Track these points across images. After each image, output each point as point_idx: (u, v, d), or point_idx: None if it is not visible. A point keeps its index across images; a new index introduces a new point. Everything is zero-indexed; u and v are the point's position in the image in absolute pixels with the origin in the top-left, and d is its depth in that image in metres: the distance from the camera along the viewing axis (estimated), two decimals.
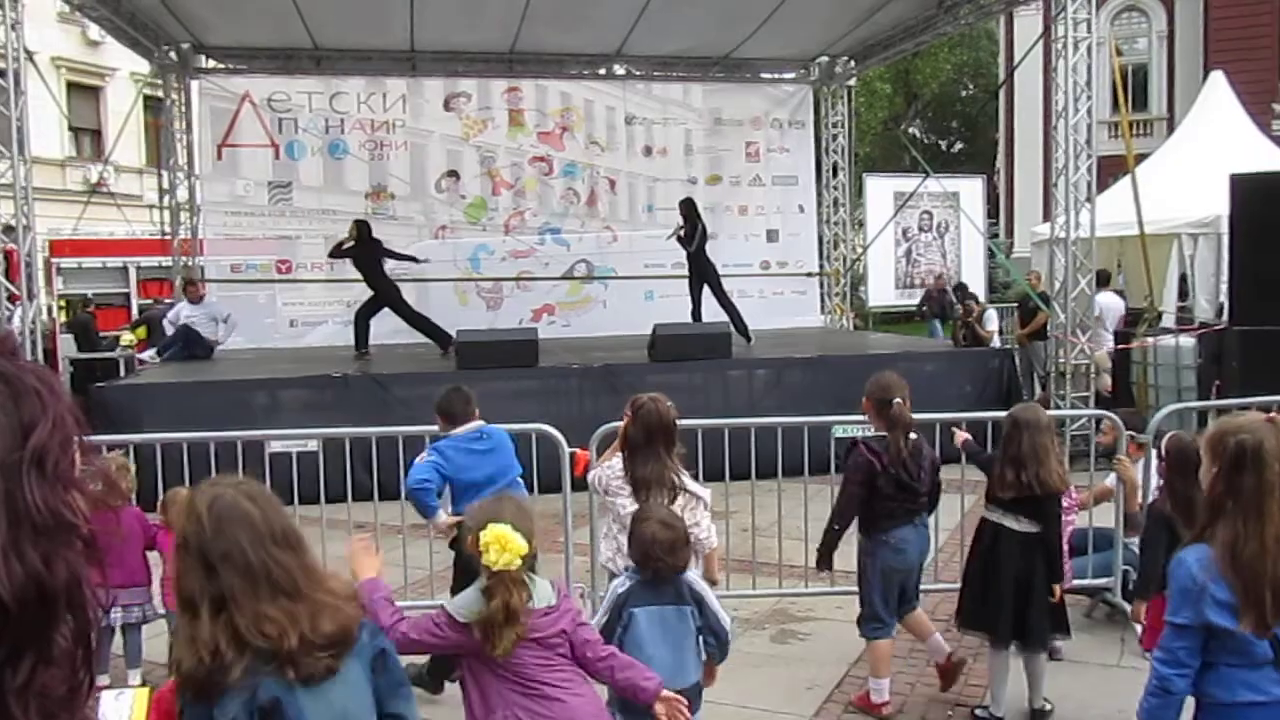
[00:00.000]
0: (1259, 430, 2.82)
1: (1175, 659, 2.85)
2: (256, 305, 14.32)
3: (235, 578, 2.18)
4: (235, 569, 2.19)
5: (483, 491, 4.78)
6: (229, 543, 2.21)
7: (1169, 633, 2.88)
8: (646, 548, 3.46)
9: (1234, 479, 2.79)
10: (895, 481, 4.76)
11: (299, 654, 2.17)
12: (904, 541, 4.82)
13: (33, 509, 0.76)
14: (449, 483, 4.86)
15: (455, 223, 14.90)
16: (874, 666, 4.95)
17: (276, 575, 2.21)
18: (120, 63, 24.16)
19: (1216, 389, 9.12)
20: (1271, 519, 2.73)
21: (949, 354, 12.21)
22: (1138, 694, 4.89)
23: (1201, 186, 12.61)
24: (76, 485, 0.81)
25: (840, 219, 16.17)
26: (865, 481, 4.75)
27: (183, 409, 9.04)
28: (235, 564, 2.19)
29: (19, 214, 9.35)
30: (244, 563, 2.19)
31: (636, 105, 15.62)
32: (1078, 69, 10.31)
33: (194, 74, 14.12)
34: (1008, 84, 24.96)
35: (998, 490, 4.74)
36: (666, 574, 3.48)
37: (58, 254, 17.86)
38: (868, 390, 4.92)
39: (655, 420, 4.20)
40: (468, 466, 4.88)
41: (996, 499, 4.78)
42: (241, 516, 2.24)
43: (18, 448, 0.77)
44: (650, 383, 9.93)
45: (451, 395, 5.18)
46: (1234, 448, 2.80)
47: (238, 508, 2.25)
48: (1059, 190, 10.48)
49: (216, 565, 2.19)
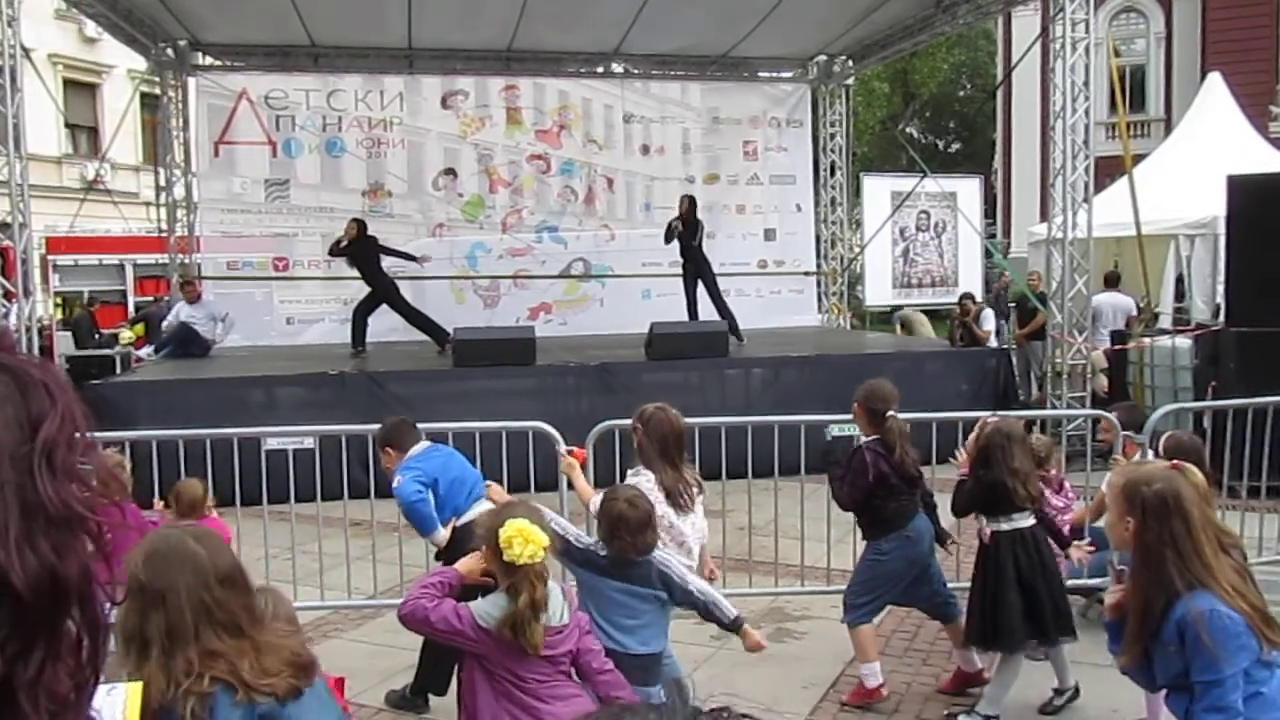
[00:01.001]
0: (1172, 479, 2.84)
1: (1237, 710, 2.68)
2: (253, 303, 14.29)
3: (181, 615, 2.20)
4: (180, 607, 2.21)
5: (469, 488, 4.80)
6: (171, 582, 2.22)
7: (1226, 688, 2.67)
8: (614, 525, 3.56)
9: (1162, 528, 2.77)
10: (904, 479, 4.85)
11: (255, 681, 2.19)
12: (919, 531, 4.93)
13: (45, 501, 0.76)
14: (434, 488, 4.81)
15: (452, 221, 14.89)
16: (860, 652, 5.00)
17: (219, 615, 2.23)
18: (117, 60, 24.11)
19: (1213, 390, 9.12)
20: (1215, 552, 2.76)
21: (945, 354, 12.22)
22: (1131, 692, 4.93)
23: (1198, 187, 12.61)
24: (83, 479, 0.81)
25: (838, 218, 16.17)
26: (875, 480, 4.80)
27: (179, 406, 9.03)
28: (179, 602, 2.21)
29: (15, 211, 9.34)
30: (188, 602, 2.21)
31: (634, 104, 15.61)
32: (1076, 69, 10.32)
33: (191, 71, 14.09)
34: (1005, 84, 24.95)
35: (1011, 507, 4.70)
36: (630, 552, 3.55)
37: (54, 251, 17.85)
38: (861, 396, 4.97)
39: (668, 429, 4.29)
40: (442, 468, 4.86)
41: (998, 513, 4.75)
42: (187, 557, 2.25)
43: (27, 440, 0.77)
44: (647, 381, 9.96)
45: (398, 424, 5.08)
46: (1154, 498, 2.79)
47: (183, 548, 2.27)
48: (1056, 190, 10.49)
49: (161, 603, 2.20)
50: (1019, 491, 4.63)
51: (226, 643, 2.21)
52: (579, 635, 3.12)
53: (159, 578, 2.22)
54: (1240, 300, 9.29)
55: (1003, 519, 4.71)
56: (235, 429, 6.48)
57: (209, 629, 2.21)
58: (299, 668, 2.27)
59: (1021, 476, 4.65)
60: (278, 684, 2.21)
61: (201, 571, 2.23)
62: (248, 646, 2.23)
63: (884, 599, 5.07)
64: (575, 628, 3.11)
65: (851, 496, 4.91)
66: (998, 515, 4.72)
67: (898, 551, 4.90)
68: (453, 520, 4.77)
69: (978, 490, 4.74)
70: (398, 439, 4.96)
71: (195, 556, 2.25)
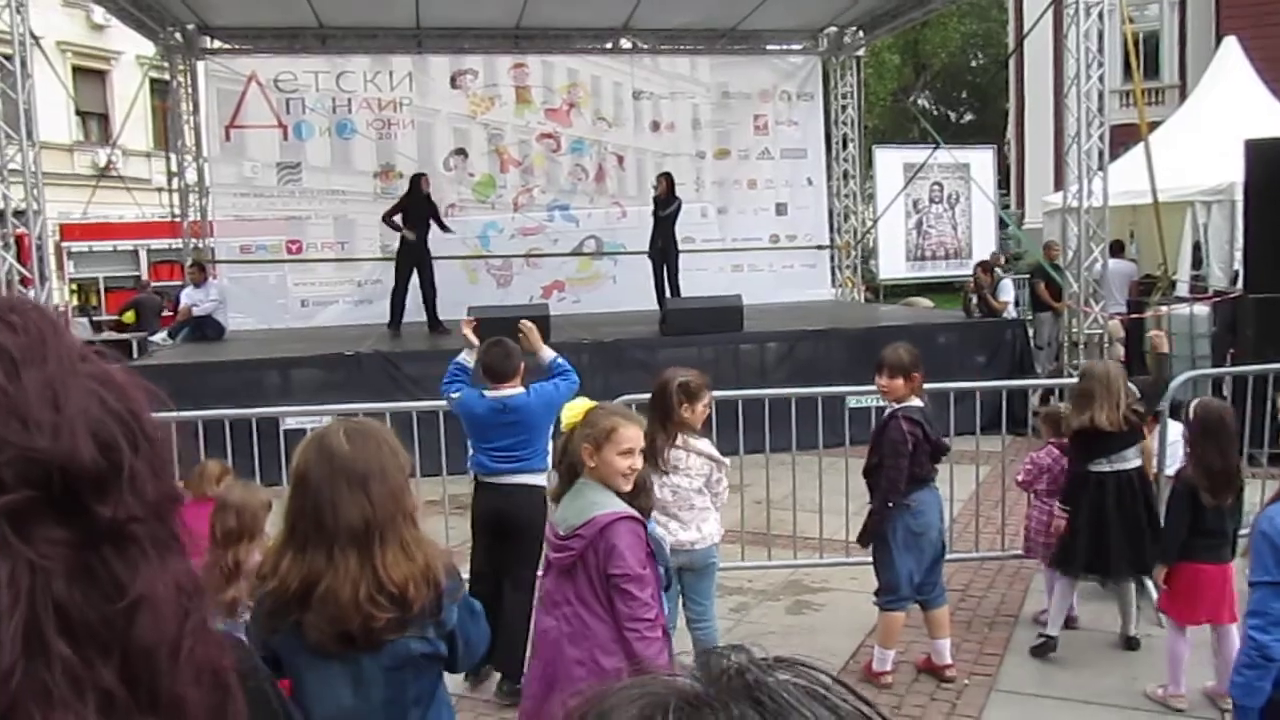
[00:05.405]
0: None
1: (1275, 619, 2.70)
2: (267, 286, 14.31)
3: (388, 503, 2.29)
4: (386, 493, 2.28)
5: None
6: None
7: (1265, 594, 2.71)
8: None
9: None
10: (931, 449, 4.83)
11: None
12: (921, 503, 4.85)
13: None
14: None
15: (464, 201, 14.85)
16: (883, 636, 4.98)
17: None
18: (126, 46, 24.10)
19: (1231, 357, 9.05)
20: None
21: (962, 325, 12.16)
22: (1149, 662, 4.94)
23: (1215, 153, 12.47)
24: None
25: (850, 191, 16.08)
26: (910, 453, 4.75)
27: (196, 388, 9.06)
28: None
29: (29, 198, 9.35)
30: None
31: (644, 80, 15.51)
32: (1089, 35, 10.21)
33: (199, 55, 14.08)
34: (1018, 53, 24.70)
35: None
36: None
37: (68, 238, 17.88)
38: (911, 362, 4.84)
39: (655, 386, 4.49)
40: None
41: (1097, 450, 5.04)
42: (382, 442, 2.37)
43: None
44: (661, 357, 9.94)
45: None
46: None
47: (376, 434, 2.39)
48: (1071, 159, 10.40)
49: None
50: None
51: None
52: (602, 552, 2.99)
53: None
54: (1258, 266, 9.21)
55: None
56: (254, 409, 6.51)
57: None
58: None
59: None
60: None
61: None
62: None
63: (914, 575, 4.89)
64: (593, 540, 2.99)
65: (898, 467, 4.76)
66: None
67: (896, 520, 4.83)
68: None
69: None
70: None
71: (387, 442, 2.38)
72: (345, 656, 2.27)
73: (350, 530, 2.22)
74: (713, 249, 15.08)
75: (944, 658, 5.01)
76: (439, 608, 2.29)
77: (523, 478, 4.82)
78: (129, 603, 0.71)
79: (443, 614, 2.30)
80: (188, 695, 0.75)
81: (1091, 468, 5.07)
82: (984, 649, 5.34)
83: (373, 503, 2.24)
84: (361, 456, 2.27)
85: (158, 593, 0.74)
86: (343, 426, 2.35)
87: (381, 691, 2.31)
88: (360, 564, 2.21)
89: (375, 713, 2.33)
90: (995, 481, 7.18)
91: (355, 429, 2.35)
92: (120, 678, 0.70)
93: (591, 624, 2.98)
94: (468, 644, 2.41)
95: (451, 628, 2.33)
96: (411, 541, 2.28)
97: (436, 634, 2.32)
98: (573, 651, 2.99)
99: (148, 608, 0.73)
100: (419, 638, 2.29)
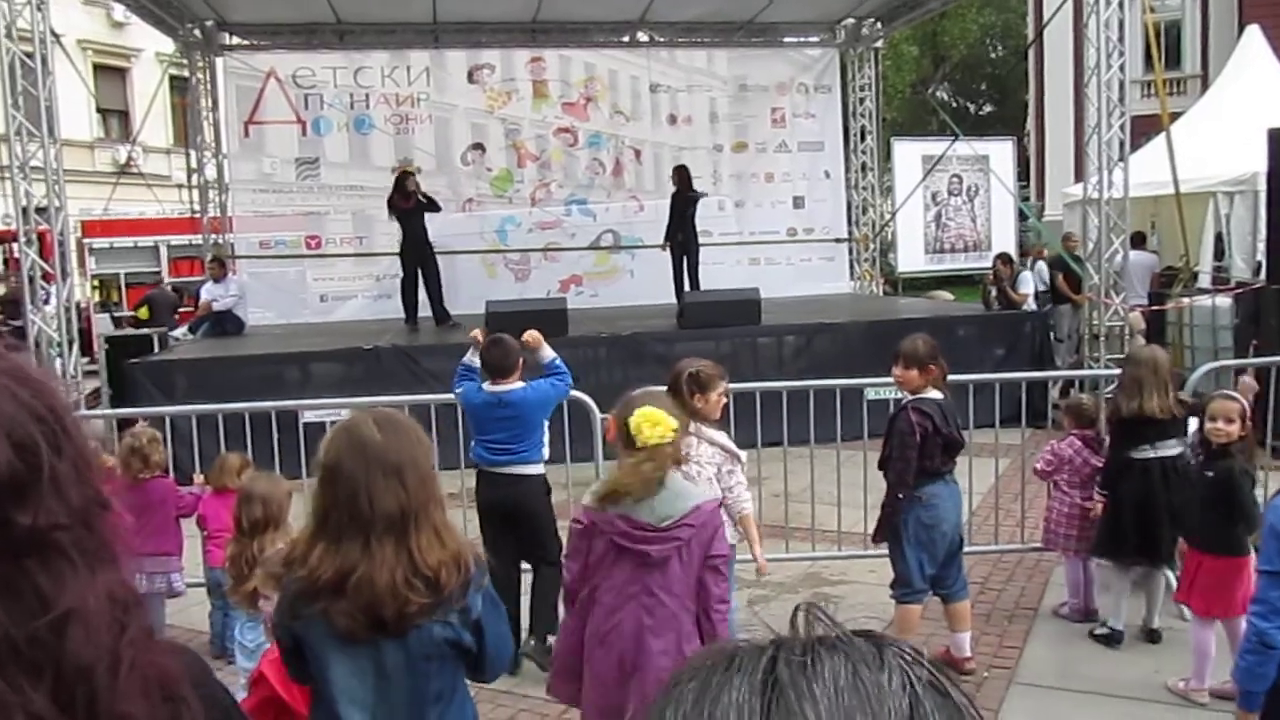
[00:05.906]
0: None
1: (1275, 608, 2.72)
2: (286, 281, 14.39)
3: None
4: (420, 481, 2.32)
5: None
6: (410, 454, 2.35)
7: (1267, 582, 2.75)
8: None
9: None
10: (944, 442, 4.73)
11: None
12: (934, 497, 4.77)
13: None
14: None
15: (481, 195, 14.90)
16: (900, 629, 4.94)
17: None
18: (145, 43, 24.28)
19: (1254, 348, 8.97)
20: None
21: (981, 317, 12.10)
22: (1166, 659, 4.91)
23: (1237, 143, 12.36)
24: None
25: (868, 184, 16.01)
26: (920, 445, 4.67)
27: (216, 383, 9.12)
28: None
29: (51, 195, 9.44)
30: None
31: (661, 74, 15.50)
32: (1110, 24, 10.12)
33: (218, 51, 14.16)
34: (1037, 44, 24.53)
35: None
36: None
37: (90, 234, 18.04)
38: (927, 353, 4.77)
39: (668, 381, 4.49)
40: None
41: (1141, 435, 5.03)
42: (410, 430, 2.42)
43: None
44: (679, 350, 9.92)
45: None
46: None
47: (404, 423, 2.44)
48: (1091, 149, 10.31)
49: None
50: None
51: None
52: (707, 536, 3.07)
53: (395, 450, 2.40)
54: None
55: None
56: (273, 402, 6.55)
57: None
58: None
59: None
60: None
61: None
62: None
63: (925, 567, 4.85)
64: (699, 527, 3.06)
65: (905, 459, 4.69)
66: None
67: (907, 512, 4.78)
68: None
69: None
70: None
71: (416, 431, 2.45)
72: (371, 642, 2.29)
73: (387, 518, 2.24)
74: (730, 242, 15.05)
75: (964, 650, 4.98)
76: (465, 594, 2.31)
77: (517, 468, 5.05)
78: (56, 617, 0.66)
79: (468, 599, 2.32)
80: (134, 712, 0.70)
81: (1135, 454, 5.04)
82: (1004, 641, 5.32)
83: (407, 490, 2.26)
84: (394, 446, 2.30)
85: (88, 605, 0.68)
86: (371, 417, 2.38)
87: (404, 681, 2.33)
88: (396, 551, 2.24)
89: (397, 706, 2.34)
90: (1015, 474, 7.15)
91: (384, 419, 2.38)
92: (53, 700, 0.65)
93: (679, 614, 3.04)
94: (494, 639, 2.41)
95: (476, 616, 2.34)
96: (442, 527, 2.32)
97: (461, 622, 2.33)
98: (656, 643, 3.01)
99: (78, 622, 0.67)
100: (443, 622, 2.30)
